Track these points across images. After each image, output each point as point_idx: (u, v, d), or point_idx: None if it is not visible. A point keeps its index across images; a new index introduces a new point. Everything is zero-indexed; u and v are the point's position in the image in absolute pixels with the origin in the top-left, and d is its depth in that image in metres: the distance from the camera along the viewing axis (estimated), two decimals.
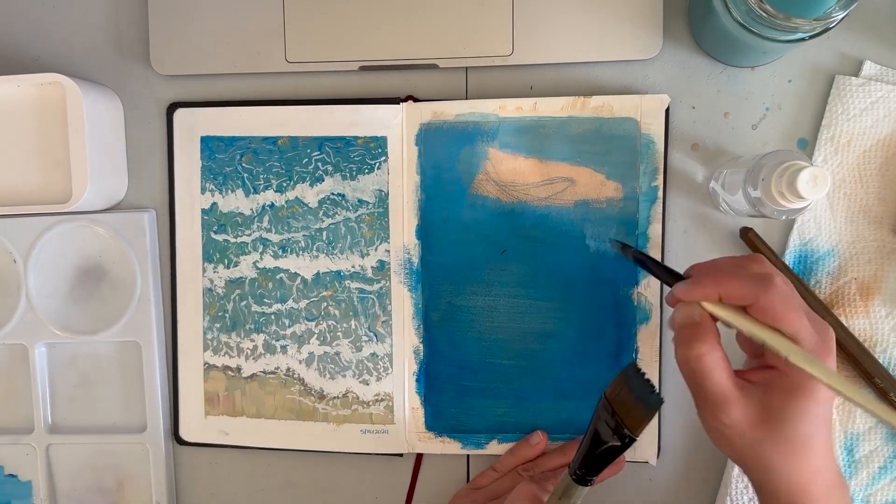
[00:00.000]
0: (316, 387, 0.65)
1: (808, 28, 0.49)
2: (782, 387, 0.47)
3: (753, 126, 0.61)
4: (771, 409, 0.47)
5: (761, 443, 0.47)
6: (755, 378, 0.48)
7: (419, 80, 0.64)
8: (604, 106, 0.61)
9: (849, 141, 0.60)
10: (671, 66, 0.62)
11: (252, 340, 0.65)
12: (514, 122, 0.62)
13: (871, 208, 0.60)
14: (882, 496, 0.61)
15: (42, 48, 0.67)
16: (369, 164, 0.63)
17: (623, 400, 0.49)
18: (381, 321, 0.64)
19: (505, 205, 0.62)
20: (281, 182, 0.64)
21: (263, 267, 0.65)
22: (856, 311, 0.60)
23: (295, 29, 0.63)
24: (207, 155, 0.65)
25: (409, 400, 0.64)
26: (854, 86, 0.59)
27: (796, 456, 0.47)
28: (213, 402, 0.66)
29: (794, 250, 0.61)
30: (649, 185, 0.61)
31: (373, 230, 0.64)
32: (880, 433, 0.61)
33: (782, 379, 0.47)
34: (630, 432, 0.48)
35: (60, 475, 0.69)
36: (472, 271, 0.63)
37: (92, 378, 0.68)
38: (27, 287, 0.66)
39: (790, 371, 0.47)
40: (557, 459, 0.62)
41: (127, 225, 0.65)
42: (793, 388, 0.47)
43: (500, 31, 0.61)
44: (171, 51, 0.64)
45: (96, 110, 0.63)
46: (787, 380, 0.47)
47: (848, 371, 0.61)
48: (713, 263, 0.50)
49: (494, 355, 0.63)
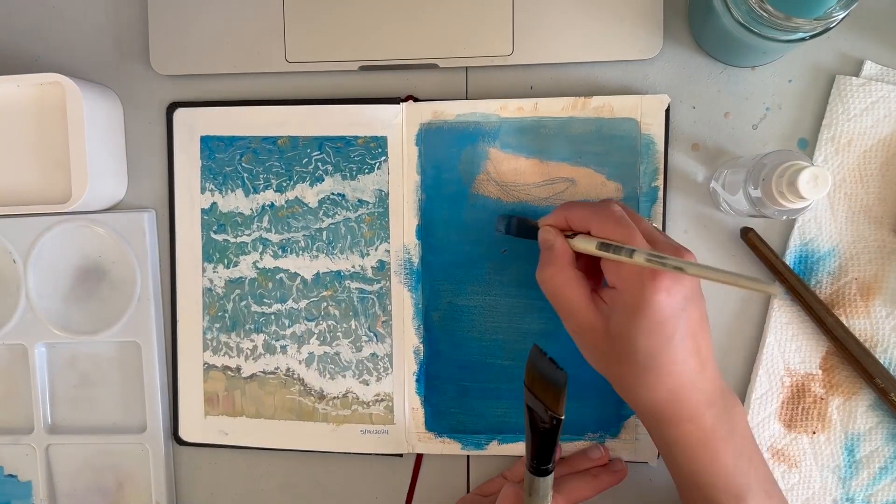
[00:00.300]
0: (316, 387, 0.65)
1: (808, 28, 0.49)
2: (621, 306, 0.50)
3: (754, 126, 0.61)
4: (613, 326, 0.50)
5: (611, 358, 0.51)
6: (606, 297, 0.52)
7: (419, 80, 0.64)
8: (604, 106, 0.61)
9: (849, 141, 0.60)
10: (671, 66, 0.62)
11: (252, 340, 0.65)
12: (516, 123, 0.62)
13: (872, 208, 0.60)
14: (882, 496, 0.61)
15: (42, 48, 0.67)
16: (369, 163, 0.63)
17: (538, 384, 0.50)
18: (381, 321, 0.64)
19: (506, 205, 0.62)
20: (281, 182, 0.64)
21: (263, 267, 0.65)
22: (856, 311, 0.60)
23: (295, 29, 0.63)
24: (207, 155, 0.65)
25: (409, 400, 0.64)
26: (854, 86, 0.59)
27: (643, 374, 0.50)
28: (213, 402, 0.66)
29: (795, 250, 0.61)
30: (649, 186, 0.61)
31: (373, 230, 0.64)
32: (881, 433, 0.61)
33: (621, 297, 0.50)
34: (553, 412, 0.49)
35: (60, 475, 0.69)
36: (473, 271, 0.63)
37: (92, 378, 0.68)
38: (27, 287, 0.66)
39: (626, 288, 0.49)
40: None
41: (127, 225, 0.65)
42: (627, 306, 0.49)
43: (500, 31, 0.61)
44: (171, 51, 0.64)
45: (96, 110, 0.62)
46: (623, 297, 0.50)
47: (848, 371, 0.61)
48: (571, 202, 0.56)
49: (495, 355, 0.63)
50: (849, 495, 0.61)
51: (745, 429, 0.52)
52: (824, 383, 0.61)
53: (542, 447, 0.51)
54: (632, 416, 0.62)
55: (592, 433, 0.63)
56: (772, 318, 0.61)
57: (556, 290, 0.53)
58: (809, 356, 0.61)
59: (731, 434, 0.51)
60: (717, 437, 0.50)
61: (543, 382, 0.50)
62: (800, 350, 0.61)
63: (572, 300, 0.52)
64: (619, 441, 0.63)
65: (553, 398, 0.49)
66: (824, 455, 0.61)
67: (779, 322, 0.61)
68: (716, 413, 0.50)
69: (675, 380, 0.49)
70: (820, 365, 0.61)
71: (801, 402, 0.61)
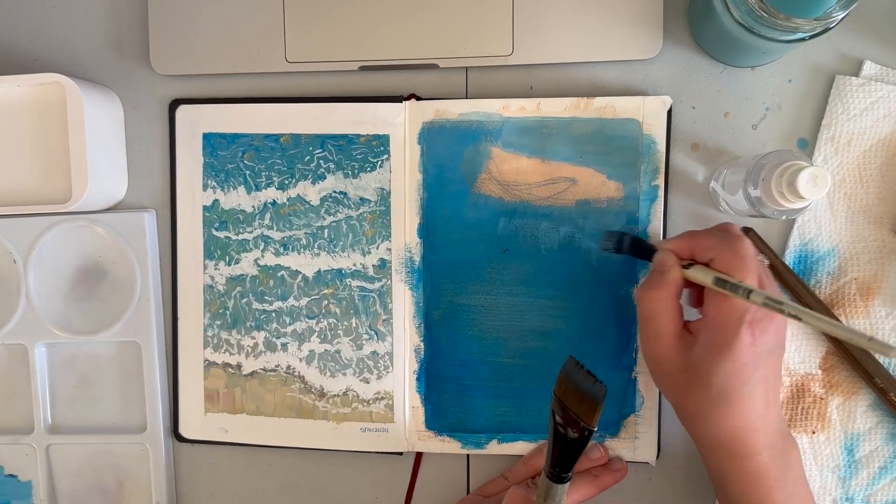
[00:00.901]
0: (316, 385, 0.65)
1: (808, 28, 0.49)
2: (709, 340, 0.51)
3: (753, 126, 0.62)
4: (694, 359, 0.51)
5: (685, 389, 0.52)
6: (693, 328, 0.53)
7: (419, 80, 0.64)
8: (606, 107, 0.61)
9: (849, 141, 0.60)
10: (671, 66, 0.62)
11: (252, 338, 0.65)
12: (518, 122, 0.62)
13: (872, 208, 0.60)
14: (882, 496, 0.61)
15: (42, 48, 0.67)
16: (371, 162, 0.63)
17: (571, 395, 0.50)
18: (381, 319, 0.64)
19: (507, 204, 0.62)
20: (283, 179, 0.64)
21: (265, 264, 0.65)
22: (856, 311, 0.61)
23: (295, 29, 0.63)
24: (209, 152, 0.65)
25: (410, 398, 0.64)
26: (854, 86, 0.59)
27: (714, 409, 0.51)
28: (213, 399, 0.66)
29: (795, 250, 0.61)
30: (650, 185, 0.61)
31: (374, 228, 0.64)
32: (881, 433, 0.61)
33: (711, 331, 0.51)
34: (586, 424, 0.49)
35: (60, 475, 0.68)
36: (474, 270, 0.63)
37: (92, 378, 0.68)
38: (27, 287, 0.66)
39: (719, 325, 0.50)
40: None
41: (127, 225, 0.65)
42: (714, 342, 0.50)
43: (500, 31, 0.61)
44: (171, 51, 0.64)
45: (96, 110, 0.63)
46: (713, 332, 0.50)
47: (848, 371, 0.61)
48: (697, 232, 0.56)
49: (495, 354, 0.63)
50: (848, 495, 0.61)
51: (800, 472, 0.53)
52: (824, 383, 0.61)
53: (566, 456, 0.51)
54: (631, 415, 0.62)
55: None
56: None
57: (653, 315, 0.53)
58: (809, 356, 0.61)
59: (784, 475, 0.52)
60: (770, 476, 0.51)
61: (578, 394, 0.50)
62: (799, 350, 0.61)
63: (665, 330, 0.53)
64: (619, 441, 0.63)
65: (588, 411, 0.49)
66: (824, 455, 0.61)
67: None
68: (772, 454, 0.51)
69: (741, 420, 0.50)
70: (819, 365, 0.61)
71: (800, 401, 0.61)
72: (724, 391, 0.50)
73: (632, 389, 0.62)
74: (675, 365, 0.52)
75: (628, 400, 0.62)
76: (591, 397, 0.49)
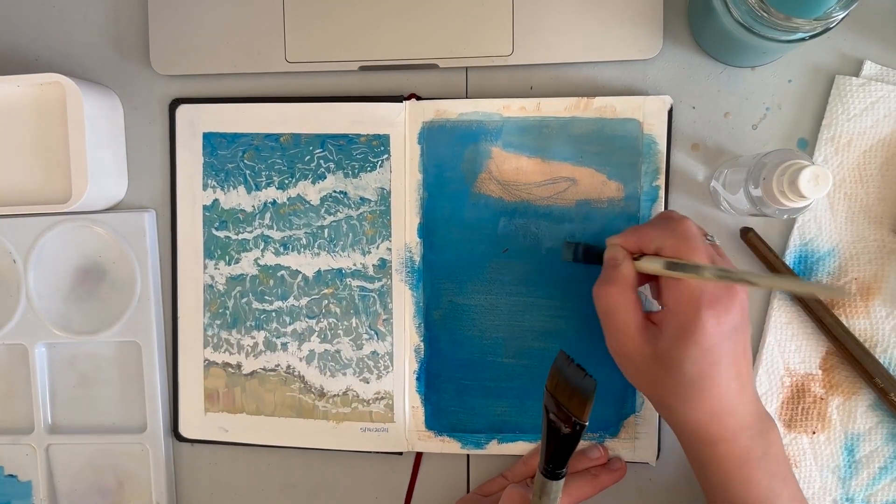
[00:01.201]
0: (316, 384, 0.65)
1: (808, 28, 0.49)
2: (673, 328, 0.50)
3: (753, 126, 0.62)
4: (662, 349, 0.51)
5: (657, 381, 0.52)
6: (656, 319, 0.52)
7: (419, 80, 0.64)
8: (607, 107, 0.61)
9: (849, 141, 0.60)
10: (671, 66, 0.62)
11: (252, 337, 0.65)
12: (518, 122, 0.62)
13: (872, 208, 0.60)
14: (882, 496, 0.61)
15: (42, 48, 0.67)
16: (371, 161, 0.63)
17: (562, 389, 0.50)
18: (381, 319, 0.64)
19: (507, 204, 0.62)
20: (283, 179, 0.64)
21: (265, 264, 0.65)
22: (856, 311, 0.61)
23: (295, 29, 0.63)
24: (209, 151, 0.65)
25: (410, 398, 0.64)
26: (854, 86, 0.59)
27: (687, 396, 0.51)
28: (213, 398, 0.66)
29: (795, 250, 0.61)
30: (650, 185, 0.61)
31: (374, 228, 0.64)
32: (881, 433, 0.61)
33: (673, 319, 0.50)
34: (578, 419, 0.50)
35: (60, 475, 0.68)
36: (474, 270, 0.63)
37: (92, 378, 0.68)
38: (27, 287, 0.66)
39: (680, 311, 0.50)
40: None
41: (127, 225, 0.65)
42: (678, 329, 0.50)
43: (500, 31, 0.61)
44: (171, 51, 0.64)
45: (96, 110, 0.63)
46: (675, 319, 0.50)
47: (848, 371, 0.61)
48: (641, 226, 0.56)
49: (495, 354, 0.63)
50: (848, 495, 0.61)
51: (780, 452, 0.53)
52: (824, 383, 0.61)
53: (559, 452, 0.51)
54: (631, 415, 0.62)
55: (592, 433, 0.63)
56: (772, 318, 0.61)
57: (611, 310, 0.53)
58: (809, 356, 0.61)
59: (765, 456, 0.52)
60: (751, 459, 0.51)
61: (569, 389, 0.50)
62: (799, 350, 0.61)
63: (626, 323, 0.52)
64: (619, 441, 0.63)
65: (578, 405, 0.50)
66: (824, 455, 0.61)
67: (779, 322, 0.61)
68: (751, 435, 0.51)
69: (717, 403, 0.50)
70: (820, 365, 0.61)
71: (800, 401, 0.61)
72: (697, 376, 0.50)
73: (632, 390, 0.62)
74: (643, 357, 0.52)
75: (628, 400, 0.63)
76: (581, 391, 0.50)
